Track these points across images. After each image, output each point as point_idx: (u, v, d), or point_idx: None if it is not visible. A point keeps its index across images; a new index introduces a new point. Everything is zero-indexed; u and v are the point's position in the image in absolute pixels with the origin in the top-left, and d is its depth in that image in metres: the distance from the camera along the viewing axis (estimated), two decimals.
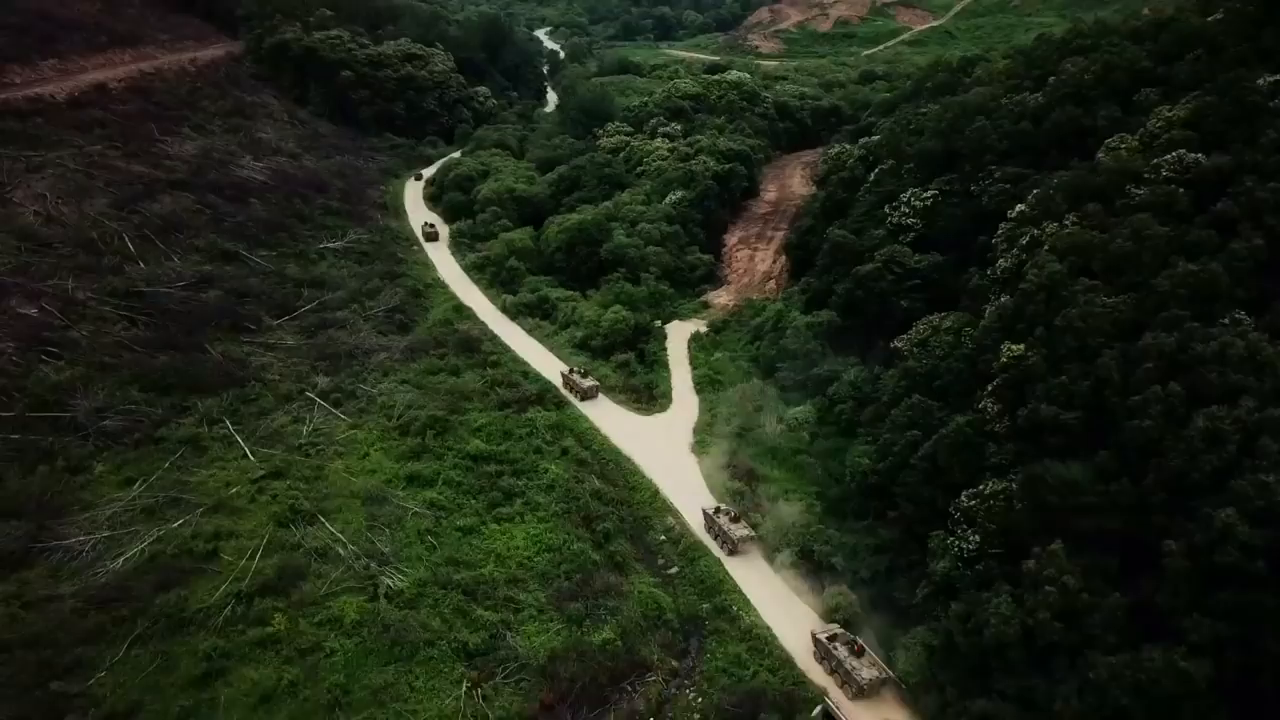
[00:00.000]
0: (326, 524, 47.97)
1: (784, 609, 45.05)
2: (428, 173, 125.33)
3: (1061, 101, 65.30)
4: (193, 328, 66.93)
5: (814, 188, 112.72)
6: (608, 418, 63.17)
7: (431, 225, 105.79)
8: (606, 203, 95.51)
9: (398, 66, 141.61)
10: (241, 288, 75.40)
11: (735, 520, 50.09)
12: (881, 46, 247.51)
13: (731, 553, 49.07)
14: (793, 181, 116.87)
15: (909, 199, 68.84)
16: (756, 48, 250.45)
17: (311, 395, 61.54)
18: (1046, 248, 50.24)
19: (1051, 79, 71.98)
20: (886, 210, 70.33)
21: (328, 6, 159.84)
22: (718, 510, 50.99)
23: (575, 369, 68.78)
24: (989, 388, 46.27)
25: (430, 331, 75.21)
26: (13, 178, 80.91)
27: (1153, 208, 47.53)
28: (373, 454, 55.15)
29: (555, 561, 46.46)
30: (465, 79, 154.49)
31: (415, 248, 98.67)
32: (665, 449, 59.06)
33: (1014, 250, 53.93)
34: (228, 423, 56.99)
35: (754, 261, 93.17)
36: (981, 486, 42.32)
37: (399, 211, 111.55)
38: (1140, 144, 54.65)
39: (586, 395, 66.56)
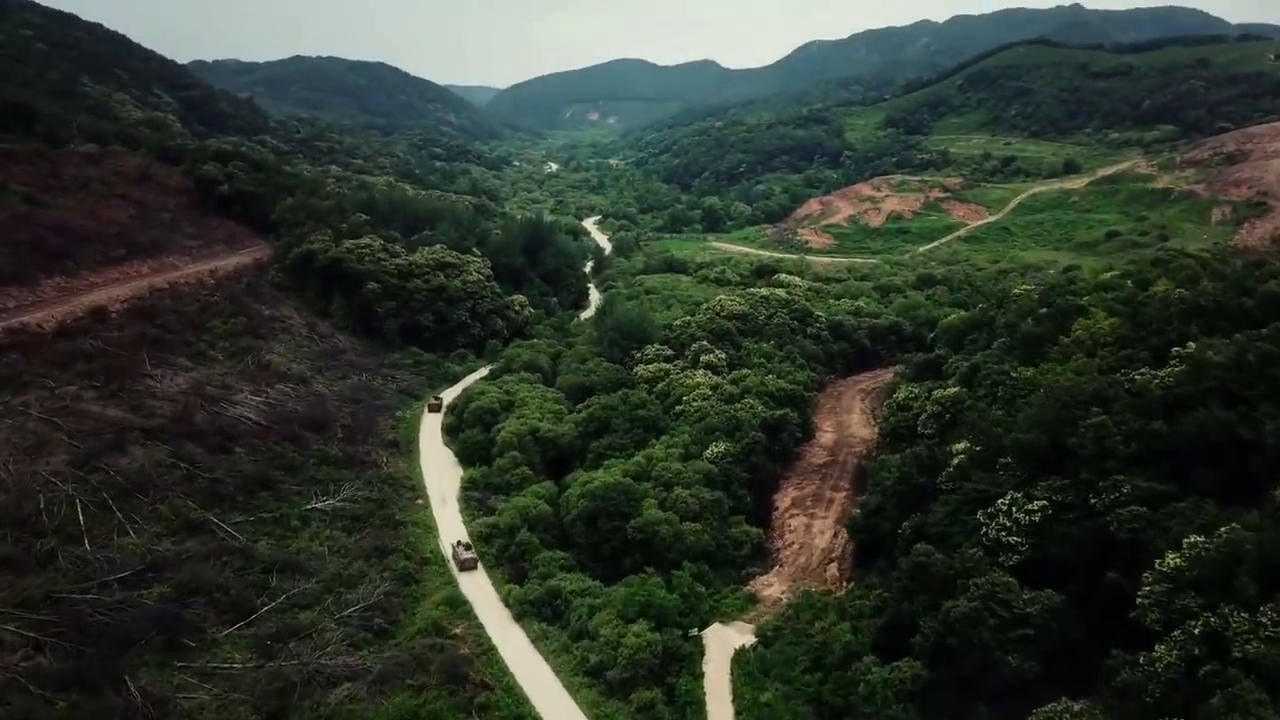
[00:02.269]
0: None
1: None
2: (450, 395, 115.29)
3: (1203, 397, 52.03)
4: (114, 650, 53.83)
5: (875, 428, 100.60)
6: None
7: (438, 399, 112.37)
8: (639, 456, 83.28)
9: (429, 276, 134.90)
10: (193, 580, 62.66)
11: None
12: (936, 243, 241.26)
13: None
14: (851, 418, 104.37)
15: (1009, 507, 54.87)
16: (806, 243, 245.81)
17: None
18: (1238, 654, 35.60)
19: (1176, 352, 59.38)
20: (980, 518, 56.35)
21: (364, 210, 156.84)
22: None
23: (460, 542, 75.21)
24: None
25: (413, 641, 61.27)
26: None
27: None
28: None
29: None
30: (501, 286, 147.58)
31: (420, 501, 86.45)
32: None
33: (1179, 635, 39.21)
34: None
35: (810, 533, 79.00)
36: None
37: (410, 446, 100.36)
38: None
39: (464, 566, 71.86)
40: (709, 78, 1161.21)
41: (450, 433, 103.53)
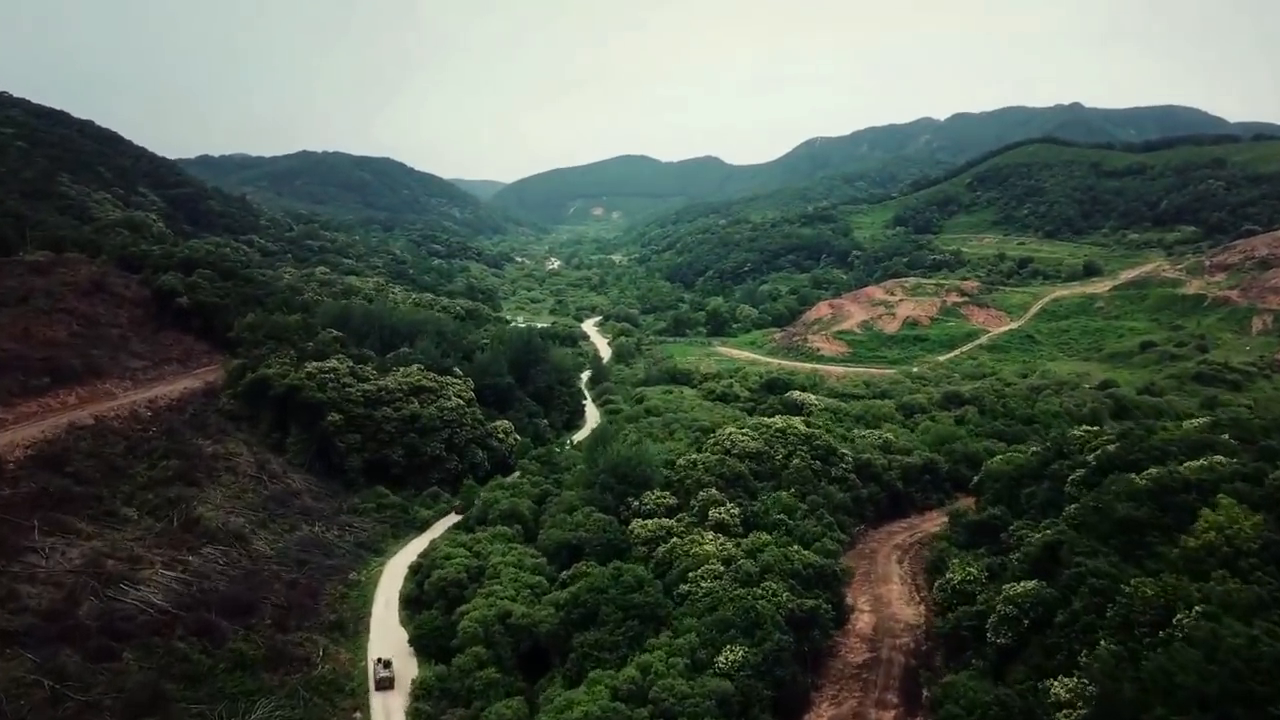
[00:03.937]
0: None
1: None
2: (416, 547, 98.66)
3: None
4: None
5: (921, 604, 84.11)
6: None
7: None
8: (632, 666, 65.72)
9: (400, 404, 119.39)
10: None
11: None
12: (957, 351, 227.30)
13: None
14: (890, 590, 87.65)
15: None
16: (818, 350, 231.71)
17: None
18: None
19: None
20: None
21: (338, 324, 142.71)
22: None
23: (380, 659, 72.30)
24: None
25: None
26: None
27: None
28: None
29: None
30: (485, 410, 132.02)
31: (357, 715, 68.76)
32: None
33: None
34: None
35: None
36: None
37: (360, 625, 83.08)
38: None
39: (381, 685, 69.55)
40: (712, 173, 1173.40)
41: (410, 605, 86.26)
